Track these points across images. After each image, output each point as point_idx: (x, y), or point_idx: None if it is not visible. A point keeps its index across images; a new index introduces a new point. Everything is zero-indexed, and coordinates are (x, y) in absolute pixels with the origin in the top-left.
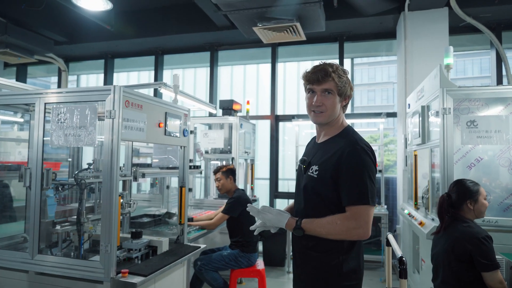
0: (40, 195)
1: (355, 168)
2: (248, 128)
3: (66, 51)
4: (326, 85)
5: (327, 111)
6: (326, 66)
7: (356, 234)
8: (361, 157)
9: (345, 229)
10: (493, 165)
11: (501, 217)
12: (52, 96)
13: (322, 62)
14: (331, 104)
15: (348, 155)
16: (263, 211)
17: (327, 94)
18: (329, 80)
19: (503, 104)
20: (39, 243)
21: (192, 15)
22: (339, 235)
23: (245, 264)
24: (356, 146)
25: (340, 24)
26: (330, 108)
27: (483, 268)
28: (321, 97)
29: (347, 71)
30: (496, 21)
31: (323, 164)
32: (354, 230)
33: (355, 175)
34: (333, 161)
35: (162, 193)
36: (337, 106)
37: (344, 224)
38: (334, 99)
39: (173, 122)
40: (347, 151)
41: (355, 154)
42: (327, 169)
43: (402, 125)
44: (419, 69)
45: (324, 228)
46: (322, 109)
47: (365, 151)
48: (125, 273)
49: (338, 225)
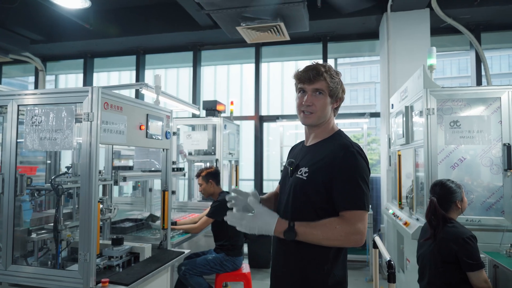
0: (14, 201)
1: (350, 172)
2: (232, 129)
3: (43, 50)
4: (318, 84)
5: (317, 112)
6: (319, 66)
7: (354, 240)
8: (356, 161)
9: (344, 234)
10: (475, 165)
11: (483, 216)
12: (26, 97)
13: (314, 63)
14: (322, 105)
15: (343, 159)
16: (246, 220)
17: (318, 95)
18: (320, 80)
19: (484, 104)
20: (13, 252)
21: (174, 14)
22: (336, 241)
23: (231, 268)
24: (350, 149)
25: (323, 25)
26: (320, 109)
27: (468, 268)
28: (312, 97)
29: (340, 73)
30: (475, 22)
31: (313, 166)
32: (352, 236)
33: (351, 179)
34: (324, 164)
35: (145, 196)
36: (328, 107)
37: (343, 229)
38: (325, 100)
39: (155, 124)
40: (341, 155)
41: (350, 157)
42: (318, 172)
43: (386, 125)
44: (402, 69)
45: (321, 231)
46: (312, 109)
47: (360, 154)
48: (106, 283)
49: (337, 229)
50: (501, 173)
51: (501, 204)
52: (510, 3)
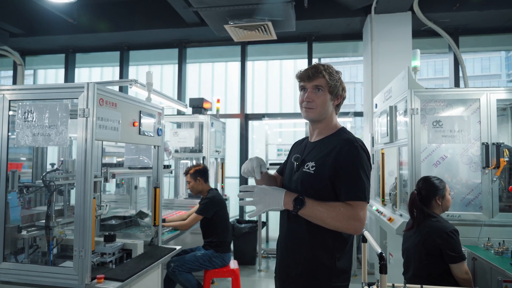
0: (5, 198)
1: (354, 165)
2: (219, 126)
3: (22, 43)
4: (317, 81)
5: (317, 108)
6: (318, 65)
7: (353, 226)
8: (359, 155)
9: (346, 217)
10: (455, 163)
11: (463, 212)
12: (19, 92)
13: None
14: (322, 101)
15: (347, 152)
16: (259, 196)
17: (317, 91)
18: (319, 77)
19: (464, 105)
20: (3, 250)
21: (160, 11)
22: (338, 222)
23: (219, 264)
24: (354, 143)
25: (309, 25)
26: (320, 104)
27: (451, 260)
28: (312, 94)
29: (339, 71)
30: (454, 26)
31: (320, 160)
32: (352, 221)
33: (354, 172)
34: (330, 159)
35: (130, 193)
36: (328, 103)
37: (346, 211)
38: (324, 96)
39: (148, 121)
40: (346, 149)
41: (354, 151)
42: (324, 166)
43: (369, 124)
44: (385, 70)
45: (326, 209)
46: (312, 105)
47: (363, 149)
48: (101, 279)
49: (341, 211)
50: (480, 170)
51: (479, 200)
52: (486, 9)
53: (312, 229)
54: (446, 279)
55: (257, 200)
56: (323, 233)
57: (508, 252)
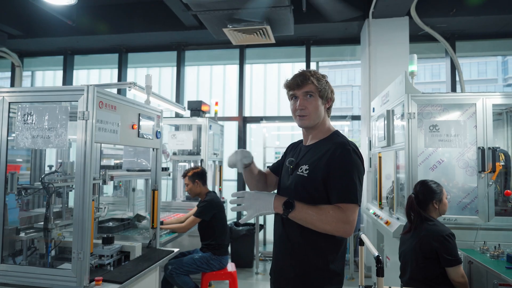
0: (3, 200)
1: (346, 167)
2: (217, 129)
3: (21, 45)
4: (307, 88)
5: (311, 114)
6: (304, 72)
7: (343, 228)
8: (352, 158)
9: (335, 220)
10: (452, 167)
11: (459, 215)
12: (19, 95)
13: (300, 70)
14: (314, 106)
15: (340, 155)
16: (249, 201)
17: (309, 98)
18: (308, 83)
19: (460, 110)
20: (2, 251)
21: (159, 13)
22: (328, 224)
23: (217, 267)
24: (346, 147)
25: (307, 29)
26: (313, 110)
27: (447, 264)
28: (304, 101)
29: (325, 75)
30: (450, 31)
31: (314, 163)
32: (342, 224)
33: (346, 174)
34: (323, 162)
35: (128, 196)
36: (320, 108)
37: (336, 214)
38: (316, 102)
39: (147, 124)
40: (338, 152)
41: (346, 154)
42: (318, 169)
43: (366, 128)
44: (382, 74)
45: (316, 212)
46: (306, 112)
47: (356, 152)
48: (99, 281)
49: (331, 214)
50: (476, 174)
51: (475, 204)
52: (483, 14)
53: (305, 233)
54: (442, 282)
55: (248, 205)
56: (316, 236)
57: (504, 255)
